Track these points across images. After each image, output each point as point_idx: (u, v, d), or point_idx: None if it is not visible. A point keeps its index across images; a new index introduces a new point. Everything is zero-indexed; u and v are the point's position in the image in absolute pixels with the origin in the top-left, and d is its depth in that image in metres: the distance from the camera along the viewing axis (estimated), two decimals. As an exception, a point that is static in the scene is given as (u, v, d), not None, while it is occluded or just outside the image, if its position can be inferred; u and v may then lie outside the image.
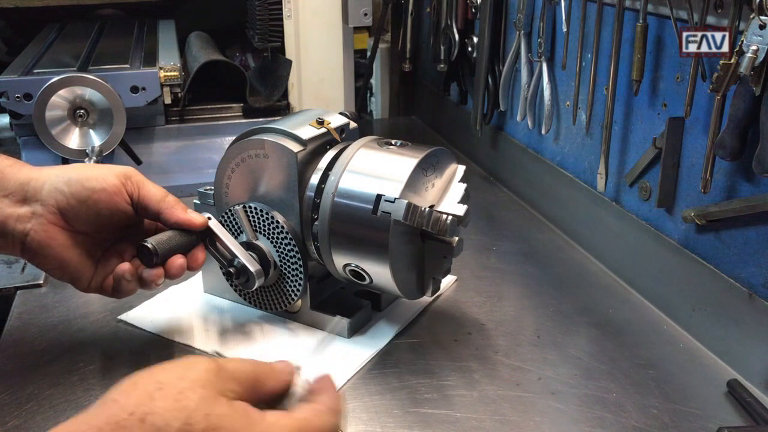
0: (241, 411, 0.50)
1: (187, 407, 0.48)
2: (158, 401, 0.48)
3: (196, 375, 0.50)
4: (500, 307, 0.98)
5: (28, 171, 0.80)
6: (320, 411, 0.55)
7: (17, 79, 1.31)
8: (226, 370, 0.52)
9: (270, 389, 0.55)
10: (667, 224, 0.96)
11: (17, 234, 0.77)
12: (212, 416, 0.48)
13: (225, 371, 0.52)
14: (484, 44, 1.34)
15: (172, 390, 0.49)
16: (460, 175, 0.89)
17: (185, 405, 0.48)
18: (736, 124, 0.78)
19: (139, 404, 0.48)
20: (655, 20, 0.93)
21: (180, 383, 0.49)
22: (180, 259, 0.80)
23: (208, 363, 0.52)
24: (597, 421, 0.75)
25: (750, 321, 0.82)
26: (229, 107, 1.55)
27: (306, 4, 1.56)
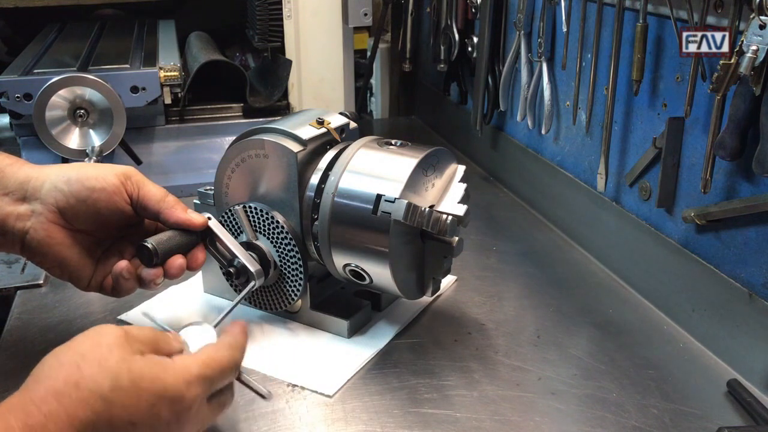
0: (155, 360, 0.61)
1: (111, 368, 0.57)
2: (85, 369, 0.56)
3: (109, 341, 0.60)
4: (500, 307, 0.98)
5: (29, 169, 0.80)
6: (220, 347, 0.66)
7: (17, 79, 1.31)
8: (131, 334, 0.62)
9: (168, 349, 0.65)
10: (667, 224, 0.96)
11: (17, 232, 0.78)
12: (133, 370, 0.58)
13: (131, 335, 0.62)
14: (484, 44, 1.34)
15: (94, 357, 0.57)
16: (460, 175, 0.89)
17: (109, 366, 0.57)
18: (736, 124, 0.78)
19: (69, 374, 0.56)
20: (655, 20, 0.93)
21: (98, 350, 0.58)
22: (180, 259, 0.80)
23: (115, 329, 0.61)
24: (597, 421, 0.75)
25: (750, 321, 0.82)
26: (229, 107, 1.55)
27: (306, 4, 1.56)
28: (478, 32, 1.37)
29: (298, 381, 0.82)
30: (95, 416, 0.55)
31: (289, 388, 0.81)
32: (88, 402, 0.55)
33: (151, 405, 0.58)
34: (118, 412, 0.56)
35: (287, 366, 0.84)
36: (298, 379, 0.82)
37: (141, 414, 0.57)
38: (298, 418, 0.76)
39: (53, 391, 0.55)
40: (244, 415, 0.76)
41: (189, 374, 0.61)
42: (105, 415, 0.55)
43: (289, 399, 0.79)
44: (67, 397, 0.55)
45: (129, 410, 0.57)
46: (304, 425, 0.75)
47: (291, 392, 0.80)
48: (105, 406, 0.55)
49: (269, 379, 0.82)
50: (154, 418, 0.58)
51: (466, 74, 1.52)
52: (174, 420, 0.59)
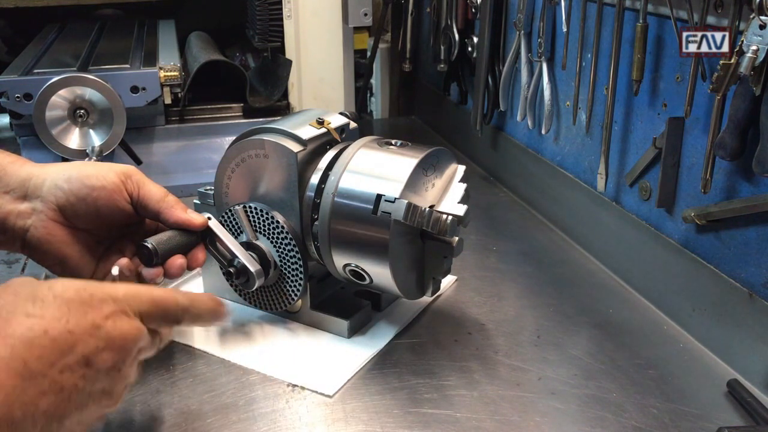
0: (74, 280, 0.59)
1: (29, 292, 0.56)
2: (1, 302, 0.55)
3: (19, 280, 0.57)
4: (500, 307, 0.98)
5: (30, 168, 0.80)
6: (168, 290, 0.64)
7: (17, 79, 1.31)
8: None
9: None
10: (667, 224, 0.96)
11: (17, 230, 0.78)
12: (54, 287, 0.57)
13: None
14: (484, 44, 1.34)
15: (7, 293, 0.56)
16: (460, 175, 0.89)
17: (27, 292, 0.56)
18: (736, 124, 0.78)
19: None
20: (655, 20, 0.93)
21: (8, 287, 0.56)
22: (180, 259, 0.80)
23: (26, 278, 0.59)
24: (597, 421, 0.75)
25: (750, 321, 0.82)
26: (229, 107, 1.55)
27: (306, 4, 1.56)
28: (478, 32, 1.37)
29: (298, 381, 0.82)
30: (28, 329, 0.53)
31: (289, 388, 0.81)
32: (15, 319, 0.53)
33: (83, 313, 0.56)
34: (51, 323, 0.54)
35: (287, 366, 0.84)
36: (298, 379, 0.82)
37: (75, 321, 0.55)
38: (298, 418, 0.76)
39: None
40: (244, 415, 0.76)
41: (115, 289, 0.60)
42: (38, 327, 0.53)
43: (289, 399, 0.79)
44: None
45: (61, 320, 0.55)
46: (304, 425, 0.75)
47: (291, 392, 0.80)
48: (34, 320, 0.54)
49: (269, 379, 0.82)
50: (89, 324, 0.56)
51: (466, 74, 1.52)
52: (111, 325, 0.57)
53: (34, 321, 0.54)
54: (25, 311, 0.54)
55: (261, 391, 0.80)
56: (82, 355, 0.55)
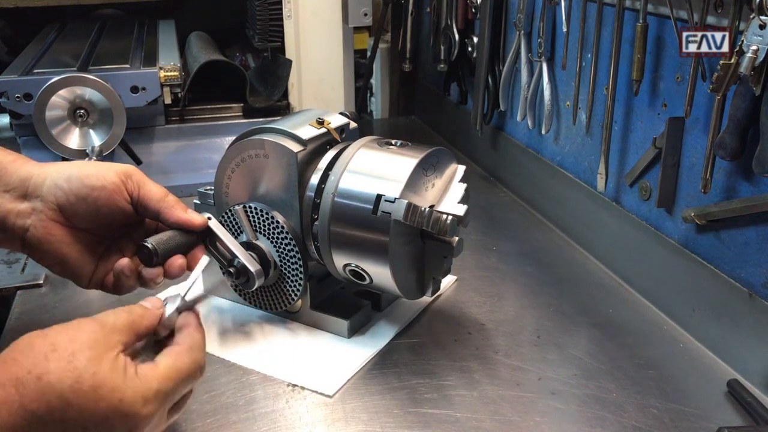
0: (120, 367, 0.59)
1: (78, 368, 0.57)
2: (52, 362, 0.56)
3: (85, 337, 0.59)
4: (500, 307, 0.98)
5: (30, 167, 0.80)
6: (181, 352, 0.65)
7: (17, 79, 1.31)
8: (107, 325, 0.62)
9: (146, 328, 0.66)
10: (667, 224, 0.96)
11: (17, 229, 0.78)
12: (98, 374, 0.57)
13: (107, 327, 0.62)
14: (484, 44, 1.34)
15: (65, 352, 0.57)
16: (460, 175, 0.89)
17: (76, 366, 0.57)
18: (736, 124, 0.78)
19: (35, 364, 0.56)
20: (655, 20, 0.93)
21: (71, 345, 0.58)
22: (180, 259, 0.80)
23: (92, 324, 0.61)
24: (597, 421, 0.75)
25: (750, 321, 0.82)
26: (229, 107, 1.55)
27: (306, 4, 1.56)
28: (478, 32, 1.37)
29: (298, 381, 0.82)
30: (48, 412, 0.55)
31: (289, 388, 0.81)
32: (46, 396, 0.55)
33: (105, 416, 0.57)
34: (72, 414, 0.56)
35: (287, 366, 0.84)
36: (298, 379, 0.82)
37: (94, 421, 0.57)
38: (298, 418, 0.76)
39: (15, 378, 0.55)
40: (244, 415, 0.76)
41: (148, 390, 0.60)
42: (59, 413, 0.55)
43: (289, 399, 0.79)
44: (26, 387, 0.55)
45: (83, 415, 0.56)
46: (304, 425, 0.75)
47: (291, 392, 0.80)
48: (61, 404, 0.55)
49: (269, 379, 0.82)
50: (107, 428, 0.57)
51: (466, 74, 1.52)
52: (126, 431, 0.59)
53: (58, 406, 0.55)
54: (61, 392, 0.56)
55: (261, 391, 0.80)
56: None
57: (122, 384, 0.58)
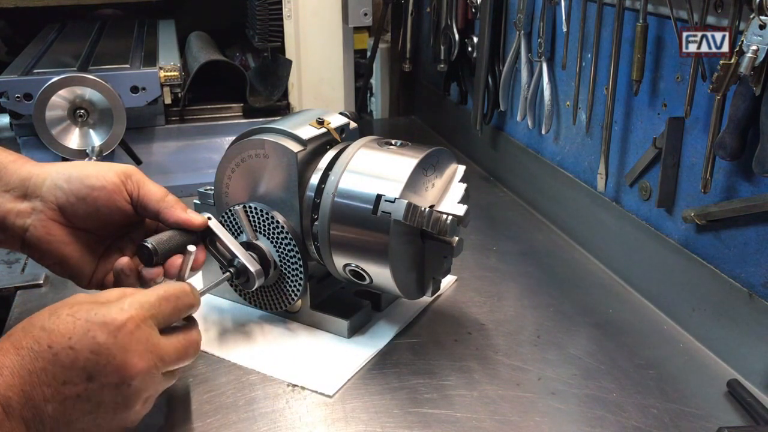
0: (98, 300, 0.65)
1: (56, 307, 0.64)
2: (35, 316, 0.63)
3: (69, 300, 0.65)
4: (500, 307, 0.98)
5: (30, 167, 0.80)
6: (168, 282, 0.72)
7: (17, 79, 1.32)
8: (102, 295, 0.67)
9: None
10: (667, 224, 0.96)
11: (17, 229, 0.78)
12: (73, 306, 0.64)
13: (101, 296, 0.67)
14: (484, 44, 1.34)
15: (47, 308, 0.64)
16: (460, 175, 0.89)
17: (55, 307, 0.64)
18: (736, 124, 0.78)
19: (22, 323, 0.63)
20: (655, 20, 0.93)
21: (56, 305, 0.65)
22: (180, 259, 0.80)
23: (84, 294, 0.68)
24: (597, 421, 0.75)
25: (750, 321, 0.82)
26: (229, 107, 1.55)
27: (306, 4, 1.56)
28: (478, 32, 1.37)
29: (298, 381, 0.82)
30: (35, 342, 0.60)
31: (289, 388, 0.81)
32: (30, 333, 0.61)
33: (85, 330, 0.61)
34: (56, 338, 0.61)
35: (287, 366, 0.84)
36: (298, 379, 0.82)
37: (77, 338, 0.61)
38: (298, 418, 0.76)
39: (6, 335, 0.62)
40: (244, 415, 0.76)
41: (122, 301, 0.64)
42: (44, 341, 0.60)
43: (289, 399, 0.79)
44: (14, 335, 0.62)
45: (65, 335, 0.61)
46: (304, 425, 0.75)
47: (291, 392, 0.80)
48: (44, 334, 0.61)
49: (269, 379, 0.82)
50: (91, 342, 0.61)
51: (466, 74, 1.52)
52: (112, 342, 0.62)
53: (42, 335, 0.61)
54: (42, 325, 0.62)
55: (261, 391, 0.80)
56: (84, 371, 0.61)
57: (98, 306, 0.64)
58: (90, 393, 0.61)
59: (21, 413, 0.59)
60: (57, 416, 0.60)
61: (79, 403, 0.61)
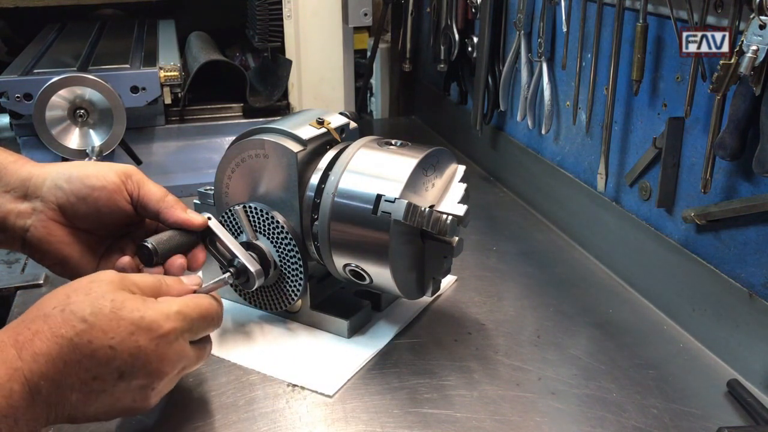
0: (138, 297, 0.66)
1: (95, 297, 0.63)
2: (72, 297, 0.63)
3: (103, 278, 0.66)
4: (500, 307, 0.98)
5: (31, 167, 0.80)
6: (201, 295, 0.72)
7: (17, 79, 1.32)
8: (129, 278, 0.68)
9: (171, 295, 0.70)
10: (667, 224, 0.96)
11: (17, 229, 0.78)
12: (116, 300, 0.63)
13: (127, 277, 0.68)
14: (484, 44, 1.34)
15: (84, 289, 0.64)
16: (460, 175, 0.89)
17: (93, 296, 0.63)
18: (736, 124, 0.78)
19: (59, 302, 0.63)
20: (655, 20, 0.93)
21: (89, 285, 0.65)
22: (180, 259, 0.80)
23: (112, 272, 0.68)
24: (597, 421, 0.75)
25: (750, 321, 0.82)
26: (229, 107, 1.55)
27: (306, 4, 1.56)
28: (478, 32, 1.37)
29: (298, 381, 0.82)
30: (76, 335, 0.61)
31: (289, 388, 0.81)
32: (70, 322, 0.61)
33: (129, 332, 0.62)
34: (97, 334, 0.61)
35: (287, 366, 0.84)
36: (298, 379, 0.82)
37: (119, 339, 0.62)
38: (298, 418, 0.76)
39: (42, 314, 0.62)
40: (244, 415, 0.76)
41: (169, 309, 0.66)
42: (85, 335, 0.61)
43: (289, 399, 0.79)
44: (52, 318, 0.61)
45: (108, 334, 0.62)
46: (304, 425, 0.75)
47: (291, 392, 0.80)
48: (85, 327, 0.61)
49: (269, 379, 0.82)
50: (132, 344, 0.63)
51: (466, 74, 1.52)
52: (153, 349, 0.64)
53: (83, 328, 0.61)
54: (83, 316, 0.62)
55: (261, 391, 0.80)
56: (117, 370, 0.63)
57: (142, 305, 0.65)
58: (116, 390, 0.63)
59: (47, 398, 0.60)
60: (78, 403, 0.62)
61: (103, 396, 0.63)
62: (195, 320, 0.69)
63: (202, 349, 0.72)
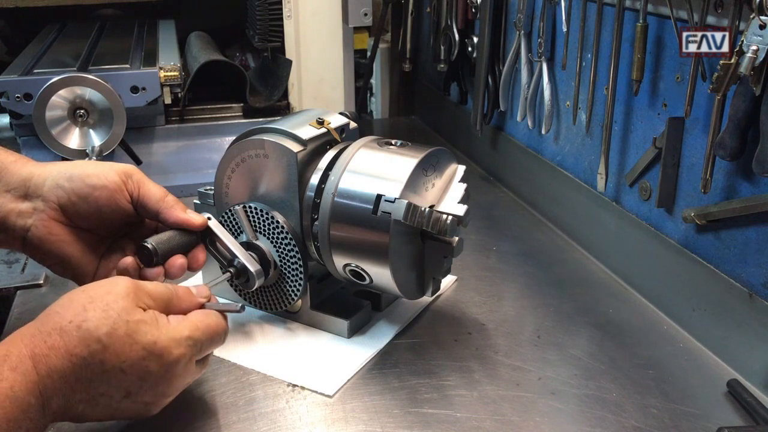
0: (151, 316, 0.66)
1: (112, 316, 0.63)
2: (90, 312, 0.63)
3: (119, 290, 0.66)
4: (500, 307, 0.98)
5: (31, 167, 0.80)
6: (209, 313, 0.72)
7: (17, 79, 1.32)
8: (142, 288, 0.68)
9: (180, 310, 0.71)
10: (667, 224, 0.96)
11: (18, 229, 0.78)
12: (131, 321, 0.64)
13: (141, 288, 0.68)
14: (484, 44, 1.34)
15: (101, 302, 0.64)
16: (460, 175, 0.89)
17: (110, 315, 0.63)
18: (736, 124, 0.78)
19: (75, 315, 0.63)
20: (655, 20, 0.93)
21: (106, 297, 0.64)
22: (180, 259, 0.81)
23: (128, 282, 0.67)
24: (597, 421, 0.75)
25: (750, 321, 0.82)
26: (229, 107, 1.55)
27: (306, 4, 1.56)
28: (478, 32, 1.37)
29: (298, 381, 0.82)
30: (90, 355, 0.62)
31: (289, 388, 0.81)
32: (86, 341, 0.62)
33: (141, 357, 0.64)
34: (110, 356, 0.62)
35: (287, 366, 0.84)
36: (298, 379, 0.82)
37: (130, 363, 0.63)
38: (298, 418, 0.76)
39: (59, 327, 0.62)
40: (244, 415, 0.76)
41: (180, 335, 0.67)
42: (99, 355, 0.62)
43: (289, 399, 0.79)
44: (68, 335, 0.62)
45: (120, 357, 0.63)
46: (304, 425, 0.75)
47: (291, 392, 0.80)
48: (100, 347, 0.62)
49: (269, 379, 0.82)
50: (142, 369, 0.64)
51: (466, 74, 1.52)
52: (162, 374, 0.65)
53: (98, 348, 0.62)
54: (98, 337, 0.62)
55: (261, 391, 0.80)
56: (125, 390, 0.64)
57: (155, 329, 0.65)
58: (121, 404, 0.65)
59: (55, 409, 0.62)
60: (83, 411, 0.64)
61: (108, 409, 0.65)
62: (203, 342, 0.70)
63: (205, 362, 0.74)
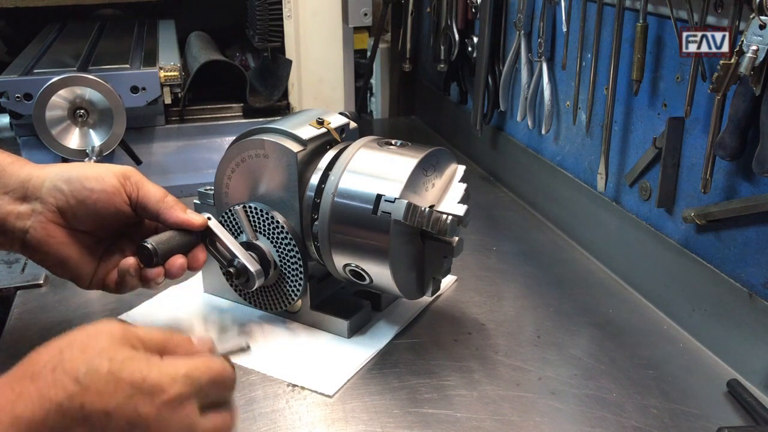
0: (141, 355, 0.56)
1: (92, 355, 0.54)
2: (66, 353, 0.54)
3: (103, 329, 0.57)
4: (500, 307, 0.98)
5: (30, 168, 0.80)
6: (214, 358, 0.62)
7: (17, 79, 1.31)
8: (132, 330, 0.58)
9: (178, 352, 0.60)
10: (667, 224, 0.96)
11: (17, 231, 0.78)
12: (115, 359, 0.54)
13: (131, 331, 0.58)
14: (484, 44, 1.34)
15: (79, 344, 0.55)
16: (460, 175, 0.89)
17: (90, 354, 0.54)
18: (736, 124, 0.78)
19: (51, 357, 0.54)
20: (655, 20, 0.93)
21: (86, 339, 0.56)
22: (180, 259, 0.81)
23: (116, 324, 0.58)
24: (597, 421, 0.75)
25: (750, 321, 0.82)
26: (229, 107, 1.55)
27: (306, 4, 1.56)
28: (478, 32, 1.37)
29: (298, 381, 0.82)
30: (67, 398, 0.52)
31: (289, 388, 0.81)
32: (62, 383, 0.53)
33: (128, 396, 0.54)
34: (91, 398, 0.53)
35: (287, 366, 0.84)
36: (298, 379, 0.82)
37: (116, 404, 0.53)
38: (298, 418, 0.76)
39: (30, 372, 0.54)
40: (244, 415, 0.76)
41: (175, 371, 0.57)
42: (78, 398, 0.53)
43: (289, 399, 0.79)
44: (42, 379, 0.53)
45: (104, 398, 0.53)
46: (304, 425, 0.75)
47: (291, 392, 0.80)
48: (78, 389, 0.53)
49: (269, 379, 0.82)
50: (131, 411, 0.54)
51: (466, 74, 1.52)
52: (154, 416, 0.55)
53: (76, 390, 0.53)
54: (76, 377, 0.53)
55: (261, 391, 0.80)
56: None
57: (145, 366, 0.55)
58: None
59: None
60: None
61: None
62: (204, 384, 0.59)
63: (222, 419, 0.61)
